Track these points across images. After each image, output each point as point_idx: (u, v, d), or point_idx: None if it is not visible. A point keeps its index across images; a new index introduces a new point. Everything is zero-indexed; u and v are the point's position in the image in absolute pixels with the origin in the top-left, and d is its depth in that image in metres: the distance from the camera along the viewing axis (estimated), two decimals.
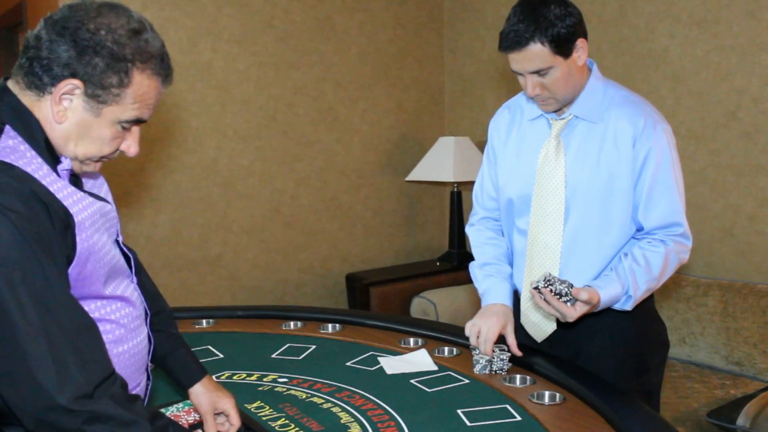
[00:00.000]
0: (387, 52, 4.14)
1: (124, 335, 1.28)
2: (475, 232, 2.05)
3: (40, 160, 1.13)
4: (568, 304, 1.66)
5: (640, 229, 1.79)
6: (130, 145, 1.23)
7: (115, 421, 1.07)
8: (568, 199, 1.78)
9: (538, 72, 1.68)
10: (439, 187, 4.41)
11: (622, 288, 1.72)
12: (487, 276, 1.95)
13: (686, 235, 1.79)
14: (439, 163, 3.89)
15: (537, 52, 1.65)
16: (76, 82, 1.13)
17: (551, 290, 1.65)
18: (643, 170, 1.74)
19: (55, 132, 1.16)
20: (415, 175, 4.03)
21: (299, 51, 3.80)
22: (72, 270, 1.15)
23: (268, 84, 3.71)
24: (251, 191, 3.72)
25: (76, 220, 1.14)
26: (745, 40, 3.06)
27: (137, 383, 1.34)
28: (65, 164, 1.19)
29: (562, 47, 1.66)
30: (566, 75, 1.70)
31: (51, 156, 1.16)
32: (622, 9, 3.47)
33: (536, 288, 1.66)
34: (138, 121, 1.20)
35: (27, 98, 1.16)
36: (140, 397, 1.17)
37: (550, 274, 1.67)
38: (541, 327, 1.87)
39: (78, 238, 1.15)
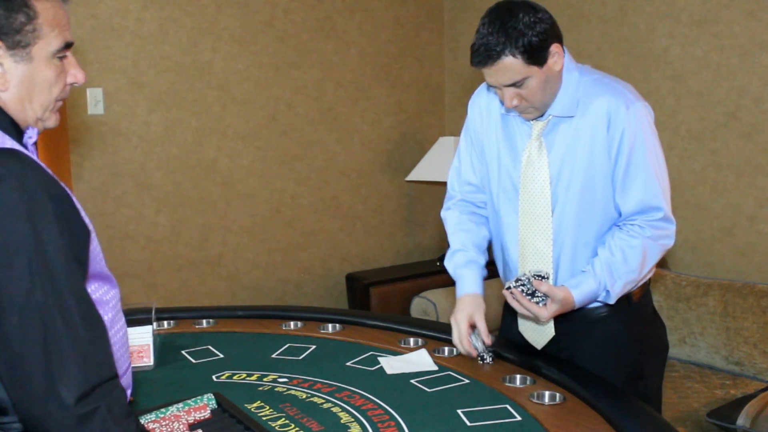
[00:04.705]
0: (387, 52, 4.14)
1: (114, 316, 1.27)
2: (449, 217, 1.98)
3: (11, 139, 1.11)
4: (540, 304, 1.66)
5: (620, 214, 1.75)
6: (76, 74, 1.21)
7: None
8: (554, 196, 1.74)
9: (513, 84, 1.63)
10: (439, 187, 4.41)
11: (597, 284, 1.70)
12: (456, 266, 1.90)
13: (667, 219, 1.72)
14: (439, 163, 3.89)
15: (510, 65, 1.60)
16: None
17: (522, 290, 1.66)
18: (619, 153, 1.69)
19: (8, 104, 1.14)
20: (415, 175, 4.03)
21: (299, 51, 3.80)
22: (91, 247, 1.14)
23: (268, 84, 3.71)
24: (251, 191, 3.72)
25: (73, 197, 1.14)
26: (745, 40, 3.06)
27: (127, 365, 1.33)
28: (32, 134, 1.18)
29: (536, 56, 1.60)
30: (543, 83, 1.64)
31: (17, 133, 1.15)
32: (622, 9, 3.47)
33: (508, 288, 1.69)
34: (67, 46, 1.18)
35: None
36: (135, 413, 1.14)
37: (524, 274, 1.68)
38: (539, 333, 1.85)
39: (82, 214, 1.15)
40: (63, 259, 1.03)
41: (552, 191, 1.74)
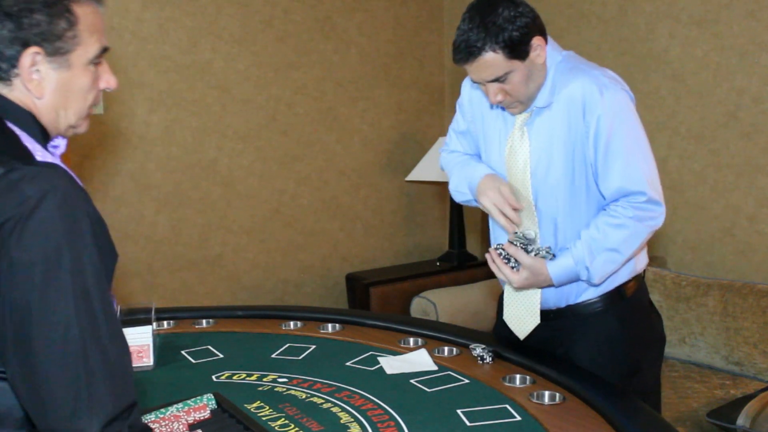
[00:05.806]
0: (387, 52, 4.14)
1: None
2: (447, 154, 2.01)
3: (42, 149, 1.08)
4: (515, 269, 1.71)
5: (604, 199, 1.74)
6: (108, 80, 1.18)
7: None
8: (536, 186, 1.74)
9: (496, 80, 1.63)
10: (439, 187, 4.41)
11: (574, 261, 1.69)
12: (463, 165, 1.89)
13: (652, 201, 1.69)
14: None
15: (491, 61, 1.59)
16: (34, 49, 1.05)
17: (501, 253, 1.73)
18: (597, 140, 1.67)
19: (41, 111, 1.11)
20: (415, 175, 4.02)
21: (299, 51, 3.80)
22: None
23: (268, 84, 3.71)
24: (251, 191, 3.72)
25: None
26: (745, 40, 3.06)
27: None
28: (61, 144, 1.15)
29: (517, 50, 1.59)
30: (526, 77, 1.64)
31: (45, 142, 1.12)
32: (622, 9, 3.47)
33: (494, 248, 1.76)
34: (103, 51, 1.15)
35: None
36: (152, 429, 1.12)
37: (509, 242, 1.74)
38: (523, 322, 1.85)
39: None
40: (97, 279, 1.00)
41: (534, 180, 1.75)
